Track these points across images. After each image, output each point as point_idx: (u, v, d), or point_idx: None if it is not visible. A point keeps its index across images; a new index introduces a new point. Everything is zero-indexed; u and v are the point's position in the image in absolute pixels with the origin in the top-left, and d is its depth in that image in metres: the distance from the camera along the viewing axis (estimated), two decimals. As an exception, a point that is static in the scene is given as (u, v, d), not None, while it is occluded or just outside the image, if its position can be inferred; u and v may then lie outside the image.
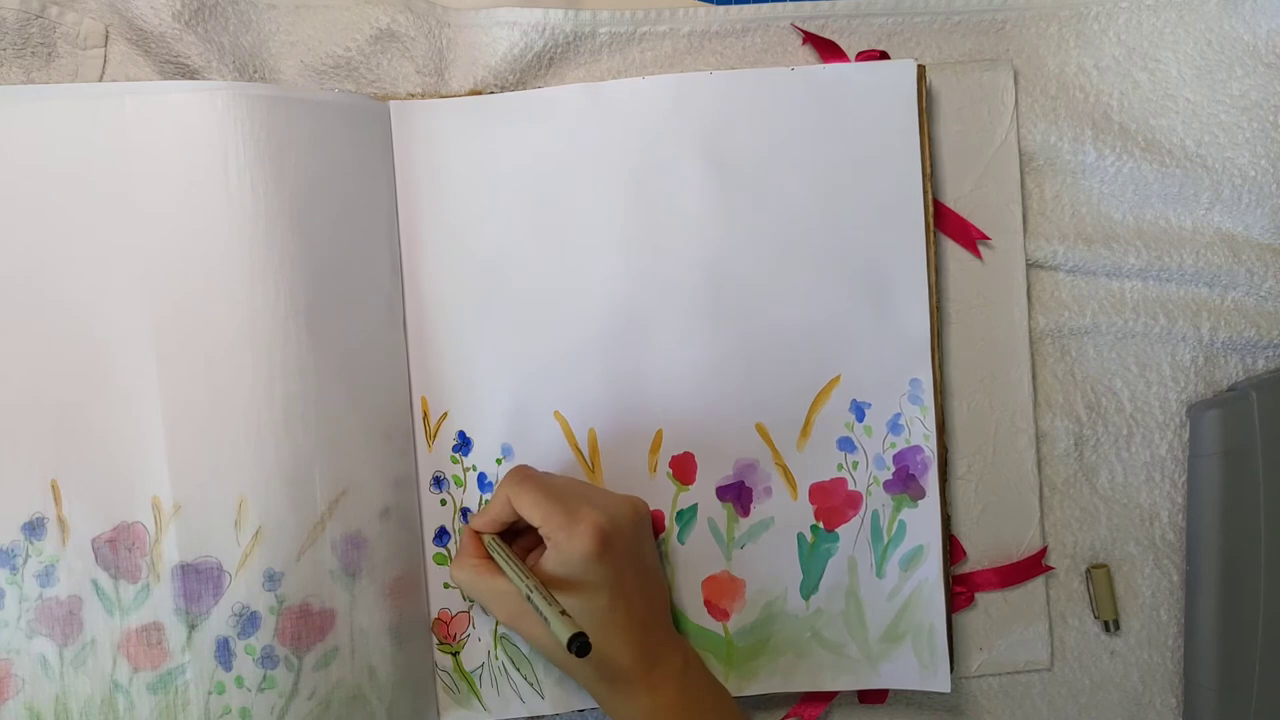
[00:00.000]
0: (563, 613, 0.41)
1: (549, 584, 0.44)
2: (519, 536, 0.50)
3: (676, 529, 0.52)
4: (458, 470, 0.52)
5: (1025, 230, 0.55)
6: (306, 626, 0.47)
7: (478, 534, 0.49)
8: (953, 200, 0.54)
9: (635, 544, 0.48)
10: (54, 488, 0.46)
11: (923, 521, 0.52)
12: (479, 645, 0.52)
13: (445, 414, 0.52)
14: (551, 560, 0.45)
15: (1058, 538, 0.55)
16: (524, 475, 0.47)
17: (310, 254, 0.47)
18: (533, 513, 0.46)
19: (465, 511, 0.52)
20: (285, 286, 0.47)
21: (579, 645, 0.40)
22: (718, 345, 0.52)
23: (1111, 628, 0.55)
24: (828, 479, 0.52)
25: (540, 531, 0.46)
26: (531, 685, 0.52)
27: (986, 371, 0.54)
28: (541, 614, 0.42)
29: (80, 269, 0.46)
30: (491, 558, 0.48)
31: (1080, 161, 0.55)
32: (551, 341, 0.52)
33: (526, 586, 0.43)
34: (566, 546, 0.45)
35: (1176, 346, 0.55)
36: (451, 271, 0.52)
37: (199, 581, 0.46)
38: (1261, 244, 0.55)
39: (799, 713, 0.54)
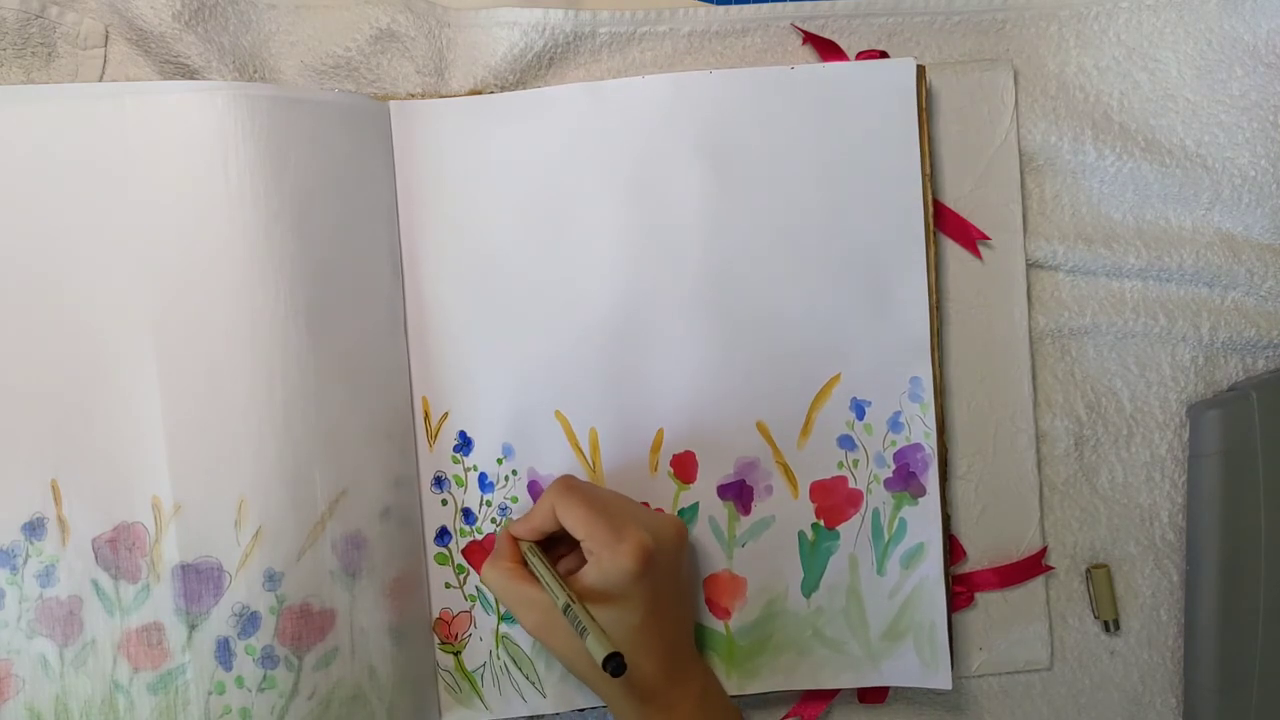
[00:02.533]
0: (600, 631, 0.41)
1: (585, 597, 0.44)
2: (554, 546, 0.49)
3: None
4: (459, 470, 0.52)
5: (1025, 230, 0.55)
6: (307, 626, 0.47)
7: (515, 539, 0.49)
8: (953, 200, 0.54)
9: (675, 565, 0.48)
10: (54, 488, 0.46)
11: (923, 519, 0.52)
12: (480, 645, 0.52)
13: (446, 414, 0.52)
14: (592, 574, 0.45)
15: (1058, 538, 0.55)
16: (570, 486, 0.47)
17: (310, 254, 0.47)
18: (577, 526, 0.45)
19: (466, 512, 0.52)
20: (285, 286, 0.47)
21: (615, 665, 0.40)
22: (718, 344, 0.52)
23: (1111, 628, 0.55)
24: (828, 477, 0.52)
25: (583, 545, 0.46)
26: (533, 684, 0.52)
27: (986, 371, 0.54)
28: (578, 628, 0.42)
29: (80, 269, 0.46)
30: (526, 564, 0.47)
31: (1080, 161, 0.55)
32: (552, 341, 0.52)
33: (564, 599, 0.43)
34: (610, 563, 0.44)
35: (1176, 346, 0.55)
36: (452, 271, 0.52)
37: (199, 581, 0.46)
38: (1261, 244, 0.55)
39: (799, 712, 0.54)
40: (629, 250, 0.52)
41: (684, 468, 0.52)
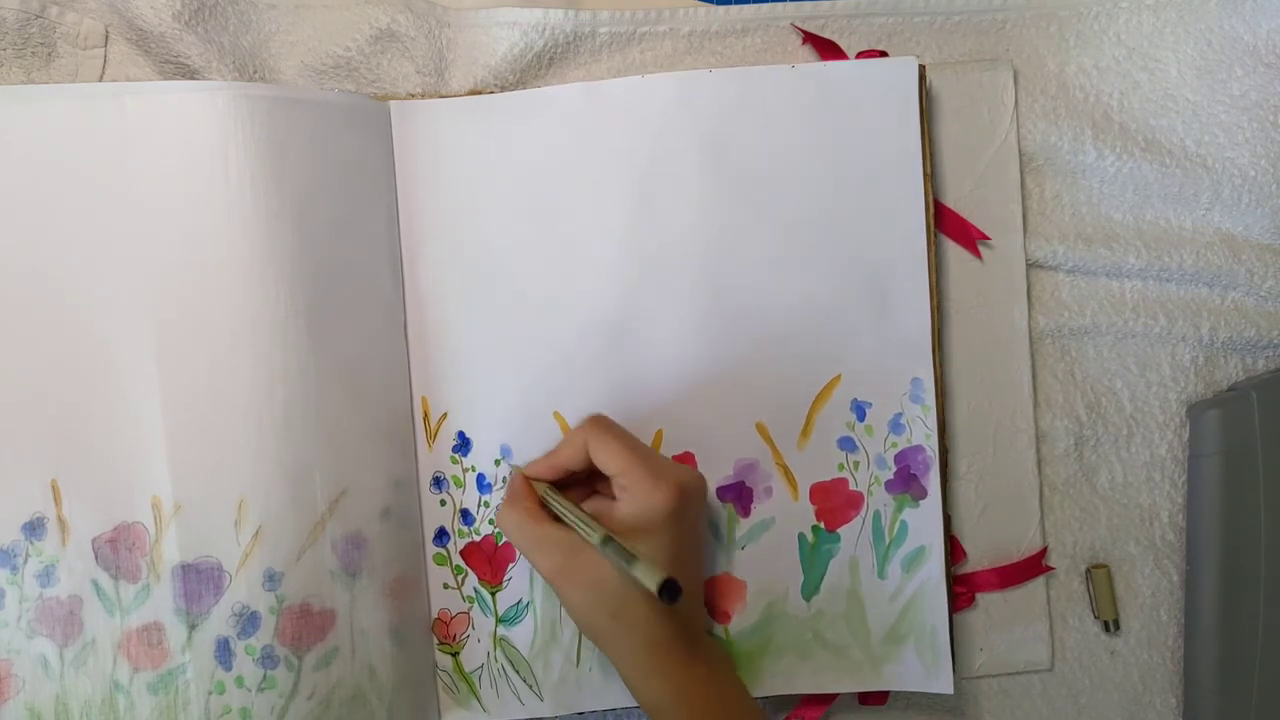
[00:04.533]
0: (648, 559, 0.40)
1: (614, 533, 0.43)
2: (565, 490, 0.48)
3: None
4: (457, 470, 0.52)
5: (1025, 230, 0.55)
6: (306, 626, 0.47)
7: (529, 481, 0.48)
8: (953, 200, 0.54)
9: (699, 515, 0.48)
10: (54, 488, 0.46)
11: (924, 521, 0.52)
12: (478, 646, 0.52)
13: (445, 414, 0.52)
14: (625, 508, 0.44)
15: (1058, 538, 0.55)
16: (606, 424, 0.47)
17: (310, 254, 0.47)
18: (613, 460, 0.45)
19: (465, 512, 0.52)
20: (285, 286, 0.47)
21: (671, 589, 0.38)
22: (718, 344, 0.52)
23: (1111, 628, 0.55)
24: (829, 479, 0.52)
25: (616, 481, 0.45)
26: (530, 687, 0.52)
27: (986, 371, 0.54)
28: (623, 558, 0.40)
29: (80, 269, 0.46)
30: (544, 506, 0.47)
31: (1080, 161, 0.55)
32: (551, 341, 0.52)
33: (599, 534, 0.42)
34: (645, 499, 0.44)
35: (1176, 346, 0.55)
36: (451, 272, 0.52)
37: (199, 581, 0.46)
38: (1261, 244, 0.55)
39: (800, 714, 0.53)
40: (628, 250, 0.52)
41: (684, 468, 0.52)
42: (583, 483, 0.48)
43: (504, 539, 0.52)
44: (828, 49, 0.54)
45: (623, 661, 0.45)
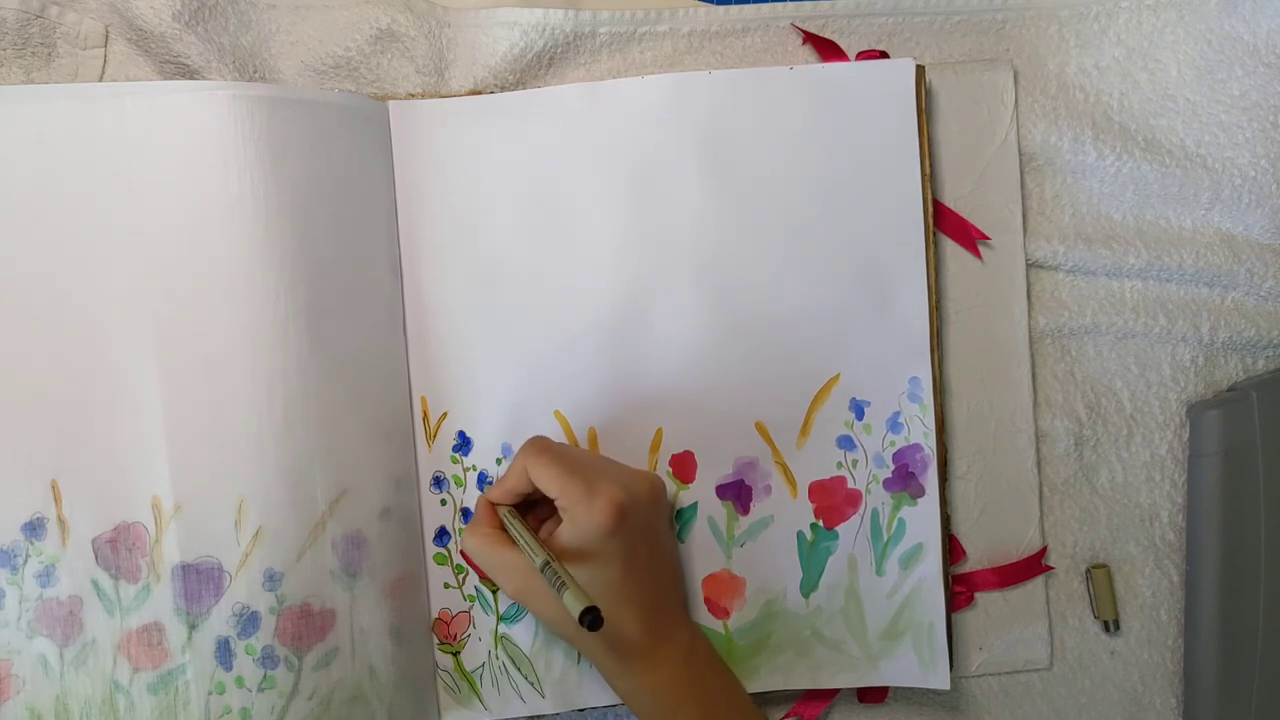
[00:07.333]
0: (576, 587, 0.41)
1: (562, 556, 0.44)
2: (534, 508, 0.49)
3: (676, 527, 0.52)
4: (458, 470, 0.52)
5: (1025, 230, 0.55)
6: (307, 626, 0.47)
7: (492, 504, 0.49)
8: (953, 200, 0.54)
9: (650, 519, 0.48)
10: (54, 488, 0.46)
11: (922, 519, 0.52)
12: (480, 645, 0.52)
13: (445, 414, 0.52)
14: (567, 533, 0.45)
15: (1057, 538, 0.55)
16: (542, 447, 0.47)
17: (310, 254, 0.47)
18: (550, 485, 0.45)
19: (465, 512, 0.52)
20: (285, 287, 0.47)
21: (591, 619, 0.40)
22: (717, 344, 0.52)
23: (1111, 628, 0.55)
24: (827, 477, 0.52)
25: (557, 504, 0.46)
26: (532, 684, 0.52)
27: (986, 371, 0.54)
28: (554, 586, 0.42)
29: (80, 269, 0.46)
30: (505, 529, 0.48)
31: (1080, 161, 0.55)
32: (551, 341, 0.52)
33: (540, 559, 0.43)
34: (583, 520, 0.45)
35: (1176, 346, 0.55)
36: (451, 271, 0.52)
37: (199, 581, 0.46)
38: (1261, 244, 0.55)
39: (799, 711, 0.54)
40: (628, 250, 0.52)
41: (683, 467, 0.52)
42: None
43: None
44: (828, 49, 0.54)
45: (597, 664, 0.48)
